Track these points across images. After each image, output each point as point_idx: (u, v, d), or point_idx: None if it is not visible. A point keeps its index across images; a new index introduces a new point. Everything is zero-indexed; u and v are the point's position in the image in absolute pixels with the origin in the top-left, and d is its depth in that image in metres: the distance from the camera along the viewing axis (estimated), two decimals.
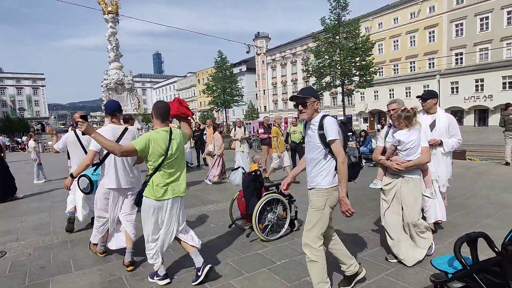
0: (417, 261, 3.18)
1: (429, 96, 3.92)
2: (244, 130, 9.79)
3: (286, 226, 4.21)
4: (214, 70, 37.93)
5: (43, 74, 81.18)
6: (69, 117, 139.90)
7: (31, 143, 10.42)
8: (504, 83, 32.69)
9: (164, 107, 2.95)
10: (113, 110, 3.53)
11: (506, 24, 32.88)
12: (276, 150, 8.12)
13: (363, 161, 3.05)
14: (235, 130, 9.44)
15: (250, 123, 35.45)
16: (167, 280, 3.04)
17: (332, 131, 2.50)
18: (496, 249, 1.95)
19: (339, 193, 2.56)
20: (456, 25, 36.67)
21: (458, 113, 37.39)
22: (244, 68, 69.68)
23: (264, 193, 4.22)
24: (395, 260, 3.26)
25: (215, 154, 8.38)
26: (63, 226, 4.88)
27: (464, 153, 12.24)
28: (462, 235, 2.04)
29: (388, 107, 3.57)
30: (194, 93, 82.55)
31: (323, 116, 2.60)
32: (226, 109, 39.32)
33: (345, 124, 2.75)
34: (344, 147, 2.63)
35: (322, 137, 2.53)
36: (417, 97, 4.14)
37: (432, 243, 3.36)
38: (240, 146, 9.06)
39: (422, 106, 3.99)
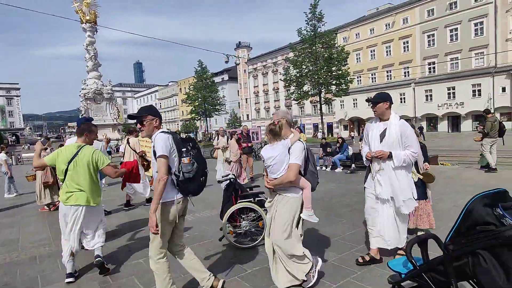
0: None
1: (379, 100, 3.24)
2: (227, 140, 9.82)
3: (262, 236, 4.07)
4: (195, 79, 37.95)
5: (17, 84, 78.43)
6: (45, 127, 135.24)
7: (2, 155, 10.05)
8: (473, 91, 34.34)
9: (81, 128, 3.50)
10: (81, 130, 3.52)
11: (474, 35, 34.74)
12: None
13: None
14: (217, 139, 9.48)
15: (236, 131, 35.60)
16: (71, 279, 3.36)
17: (158, 147, 2.53)
18: (443, 249, 2.09)
19: (152, 208, 2.48)
20: (428, 36, 38.39)
21: (432, 120, 38.91)
22: (226, 77, 69.96)
23: (239, 201, 4.28)
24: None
25: (231, 161, 8.64)
26: (32, 241, 4.74)
27: (436, 158, 12.81)
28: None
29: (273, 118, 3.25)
30: (176, 102, 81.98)
31: (158, 133, 2.64)
32: (208, 118, 39.23)
33: (184, 140, 2.79)
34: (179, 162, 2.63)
35: (154, 153, 2.59)
36: (366, 100, 3.53)
37: (311, 276, 2.94)
38: (227, 154, 9.13)
39: (373, 111, 3.32)
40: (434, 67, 38.30)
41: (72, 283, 3.37)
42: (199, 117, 39.27)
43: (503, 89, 32.41)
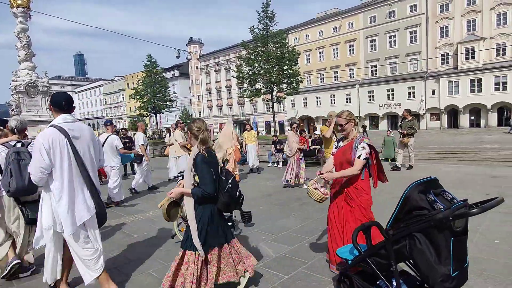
0: None
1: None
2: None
3: None
4: (144, 74, 36.20)
5: None
6: None
7: None
8: (409, 93, 37.72)
9: None
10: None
11: (409, 42, 38.13)
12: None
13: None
14: (169, 135, 9.12)
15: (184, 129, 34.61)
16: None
17: None
18: (384, 234, 2.26)
19: None
20: (371, 41, 41.23)
21: (374, 119, 41.92)
22: (177, 73, 67.92)
23: None
24: None
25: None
26: None
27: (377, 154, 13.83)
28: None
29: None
30: (123, 98, 77.51)
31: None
32: (158, 115, 37.75)
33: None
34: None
35: None
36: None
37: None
38: (176, 151, 8.86)
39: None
40: (376, 70, 41.26)
41: None
42: (148, 114, 37.51)
43: (433, 92, 36.07)
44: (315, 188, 3.16)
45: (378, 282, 2.25)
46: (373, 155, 3.14)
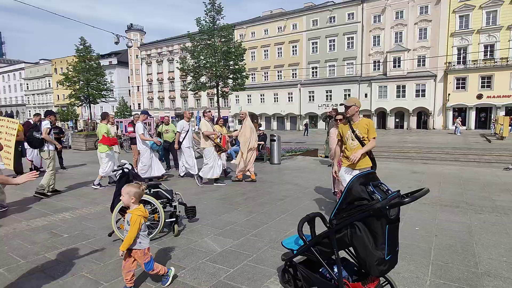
0: None
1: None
2: (117, 128, 8.93)
3: (158, 230, 3.88)
4: (76, 59, 32.88)
5: None
6: None
7: None
8: (345, 95, 40.55)
9: None
10: None
11: (347, 47, 40.95)
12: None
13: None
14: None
15: (121, 122, 32.34)
16: None
17: None
18: (327, 224, 2.39)
19: None
20: (313, 43, 43.30)
21: (314, 118, 44.21)
22: (114, 60, 63.34)
23: None
24: None
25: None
26: None
27: (316, 151, 14.75)
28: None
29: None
30: (50, 84, 69.73)
31: None
32: (91, 105, 34.69)
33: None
34: None
35: None
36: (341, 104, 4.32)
37: None
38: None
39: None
40: (316, 72, 43.49)
41: None
42: (80, 103, 34.19)
43: (366, 95, 39.32)
44: None
45: (320, 270, 2.38)
46: None
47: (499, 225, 4.34)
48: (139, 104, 61.17)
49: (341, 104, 4.41)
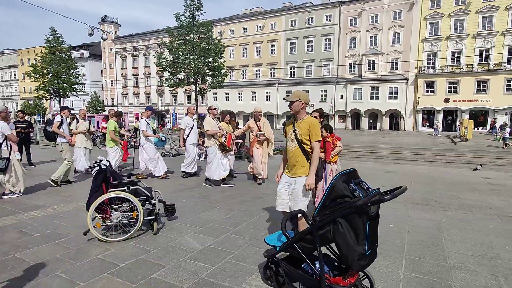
0: None
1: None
2: (89, 124, 8.63)
3: (136, 228, 3.79)
4: (46, 50, 31.23)
5: None
6: None
7: None
8: (321, 96, 41.34)
9: None
10: None
11: (324, 49, 41.70)
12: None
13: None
14: (77, 122, 8.07)
15: (93, 117, 31.14)
16: None
17: None
18: (309, 221, 2.45)
19: None
20: (291, 43, 43.72)
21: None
22: (87, 53, 60.87)
23: (110, 190, 3.82)
24: None
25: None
26: None
27: None
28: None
29: None
30: (15, 75, 65.91)
31: None
32: (62, 99, 33.11)
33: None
34: None
35: None
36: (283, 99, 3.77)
37: None
38: (86, 141, 7.93)
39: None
40: (294, 72, 43.98)
41: None
42: (49, 96, 32.53)
43: (341, 96, 40.28)
44: None
45: (302, 266, 2.43)
46: None
47: (465, 221, 4.62)
48: (112, 99, 59.16)
49: (283, 99, 3.69)
